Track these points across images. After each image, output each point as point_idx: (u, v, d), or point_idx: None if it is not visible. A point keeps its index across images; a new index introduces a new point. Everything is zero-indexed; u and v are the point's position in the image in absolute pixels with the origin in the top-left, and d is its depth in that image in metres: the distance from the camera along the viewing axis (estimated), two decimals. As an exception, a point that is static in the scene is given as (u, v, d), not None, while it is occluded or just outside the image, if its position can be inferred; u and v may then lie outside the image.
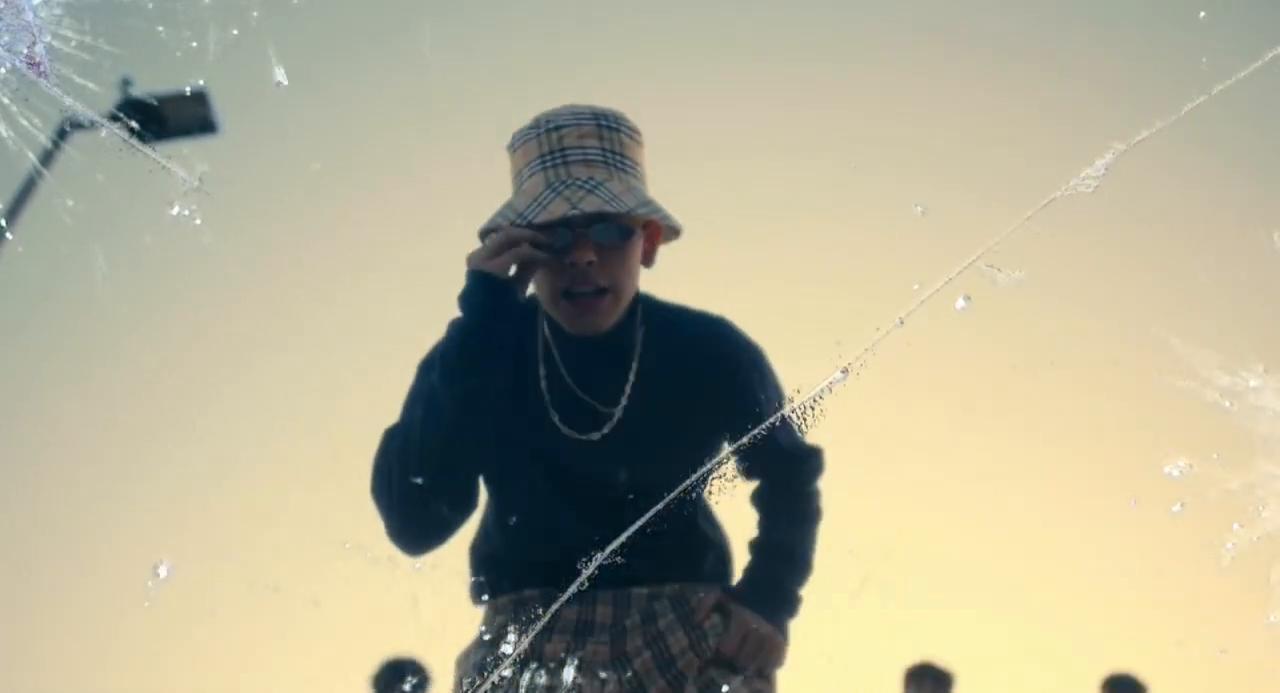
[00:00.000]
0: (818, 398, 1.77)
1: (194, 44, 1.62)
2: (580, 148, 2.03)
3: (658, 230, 2.12)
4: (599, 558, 1.75)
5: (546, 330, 2.12)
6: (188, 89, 6.33)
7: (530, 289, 2.10)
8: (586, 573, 1.76)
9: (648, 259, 2.12)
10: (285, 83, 1.73)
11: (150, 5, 1.58)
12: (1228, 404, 1.79)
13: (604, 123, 2.06)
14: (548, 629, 2.09)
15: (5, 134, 1.53)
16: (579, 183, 2.00)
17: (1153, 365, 1.79)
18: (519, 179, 2.07)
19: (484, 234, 2.09)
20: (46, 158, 1.67)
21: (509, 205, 2.05)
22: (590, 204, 1.97)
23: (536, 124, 2.07)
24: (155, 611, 1.96)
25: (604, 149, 2.04)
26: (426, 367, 2.11)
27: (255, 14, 1.63)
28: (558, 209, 1.97)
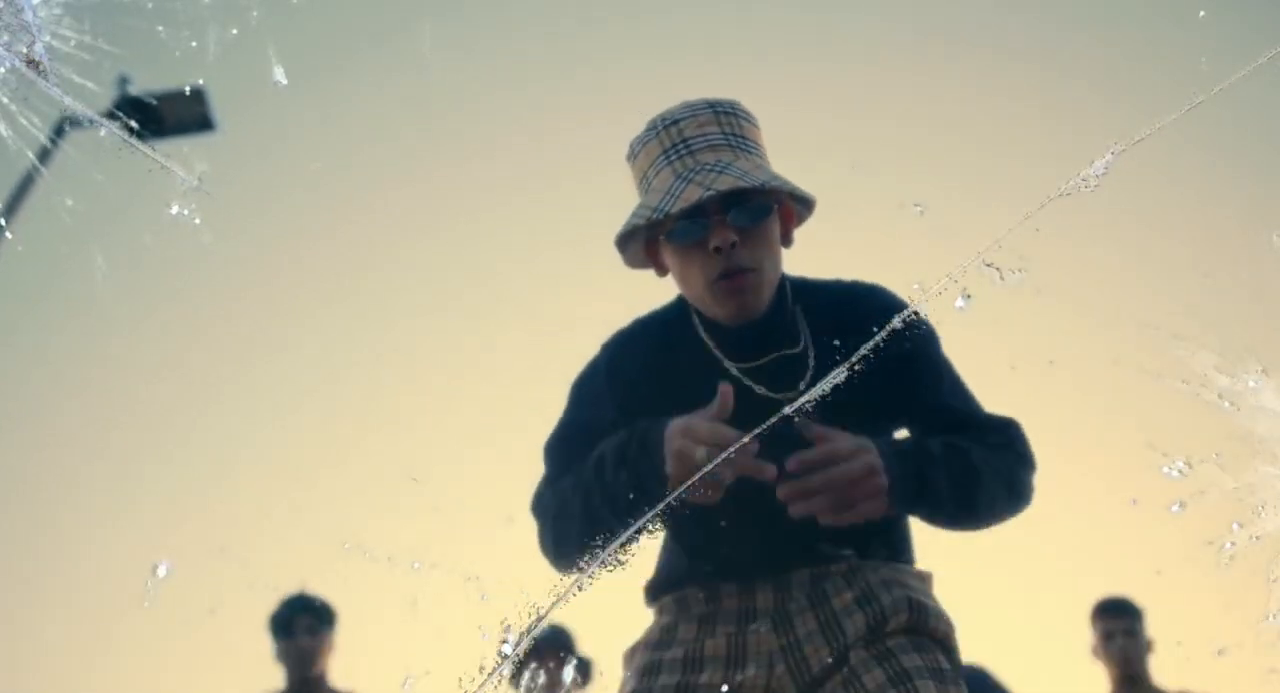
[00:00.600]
0: (818, 399, 1.77)
1: (193, 44, 1.61)
2: (702, 136, 2.02)
3: (790, 211, 2.09)
4: (609, 549, 1.73)
5: (705, 335, 2.07)
6: (186, 88, 6.32)
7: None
8: (589, 570, 1.75)
9: (785, 239, 2.09)
10: (285, 83, 1.73)
11: (150, 5, 1.58)
12: (1228, 404, 1.79)
13: (720, 109, 2.06)
14: (710, 626, 2.04)
15: (4, 133, 1.53)
16: (708, 167, 1.98)
17: (1153, 365, 1.79)
18: (645, 182, 2.05)
19: (620, 241, 2.07)
20: (45, 157, 1.67)
21: (643, 206, 2.02)
22: (724, 183, 1.95)
23: (652, 125, 2.06)
24: (155, 611, 1.96)
25: (725, 133, 2.03)
26: (580, 390, 2.11)
27: (255, 14, 1.63)
28: (692, 195, 1.95)
